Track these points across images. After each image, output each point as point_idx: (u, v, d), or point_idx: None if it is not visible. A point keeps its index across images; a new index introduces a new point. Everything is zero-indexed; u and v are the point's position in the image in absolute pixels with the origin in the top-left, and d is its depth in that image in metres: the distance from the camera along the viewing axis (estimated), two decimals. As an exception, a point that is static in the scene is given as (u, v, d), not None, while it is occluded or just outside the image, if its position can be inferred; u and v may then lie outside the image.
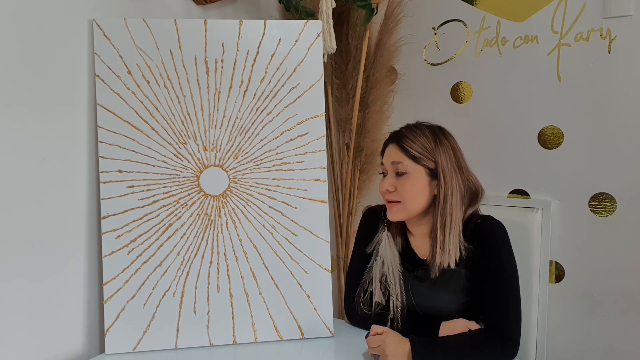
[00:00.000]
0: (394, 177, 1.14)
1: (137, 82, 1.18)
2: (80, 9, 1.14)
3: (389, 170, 1.15)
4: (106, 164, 1.16)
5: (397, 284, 1.16)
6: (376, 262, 1.18)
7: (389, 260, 1.17)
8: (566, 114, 1.57)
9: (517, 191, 1.67)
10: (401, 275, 1.16)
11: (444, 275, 1.12)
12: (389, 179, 1.15)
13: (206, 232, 1.21)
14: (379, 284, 1.17)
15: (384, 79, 1.80)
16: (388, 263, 1.17)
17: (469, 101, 1.73)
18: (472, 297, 1.13)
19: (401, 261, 1.17)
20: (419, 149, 1.12)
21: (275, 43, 1.24)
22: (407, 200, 1.13)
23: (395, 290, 1.16)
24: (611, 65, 1.49)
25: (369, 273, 1.20)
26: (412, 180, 1.12)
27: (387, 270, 1.17)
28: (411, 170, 1.12)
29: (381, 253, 1.18)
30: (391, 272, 1.16)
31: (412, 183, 1.12)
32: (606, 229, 1.52)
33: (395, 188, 1.13)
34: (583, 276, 1.56)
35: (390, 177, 1.15)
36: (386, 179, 1.15)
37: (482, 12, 1.69)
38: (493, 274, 1.09)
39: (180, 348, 1.17)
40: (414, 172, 1.12)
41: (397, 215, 1.15)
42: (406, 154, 1.13)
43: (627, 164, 1.49)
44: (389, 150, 1.16)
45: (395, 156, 1.14)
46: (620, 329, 1.51)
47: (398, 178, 1.13)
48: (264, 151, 1.24)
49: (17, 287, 1.03)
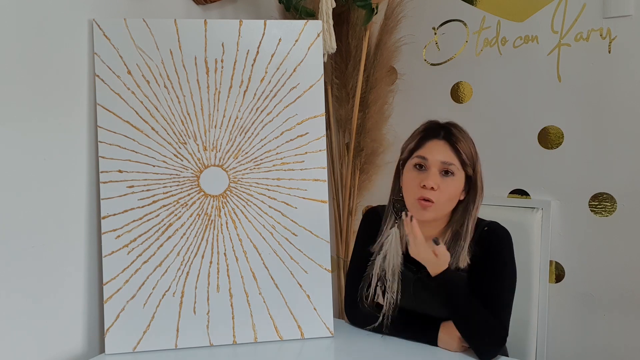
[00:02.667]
0: (438, 175, 1.08)
1: (137, 82, 1.18)
2: (80, 9, 1.14)
3: (432, 167, 1.08)
4: (106, 164, 1.16)
5: (394, 282, 1.15)
6: (379, 256, 1.17)
7: (391, 256, 1.15)
8: (566, 114, 1.57)
9: (517, 191, 1.67)
10: (401, 274, 1.15)
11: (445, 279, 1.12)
12: (435, 176, 1.07)
13: (206, 232, 1.21)
14: (376, 279, 1.17)
15: (384, 79, 1.80)
16: (390, 259, 1.15)
17: (469, 101, 1.73)
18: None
19: (404, 261, 1.16)
20: (468, 154, 1.09)
21: (275, 43, 1.24)
22: (443, 202, 1.09)
23: (392, 288, 1.14)
24: (611, 65, 1.49)
25: (372, 266, 1.19)
26: (456, 184, 1.08)
27: (387, 266, 1.15)
28: (457, 174, 1.08)
29: (385, 248, 1.16)
30: (390, 269, 1.15)
31: (456, 187, 1.09)
32: (606, 229, 1.52)
33: (439, 186, 1.07)
34: (583, 276, 1.56)
35: (435, 174, 1.07)
36: (430, 175, 1.07)
37: (482, 12, 1.69)
38: (491, 278, 1.10)
39: (180, 348, 1.17)
40: (458, 177, 1.09)
41: (428, 215, 1.09)
42: (458, 157, 1.08)
43: (627, 164, 1.49)
44: (438, 146, 1.09)
45: (447, 156, 1.08)
46: (620, 328, 1.51)
47: (444, 178, 1.08)
48: (264, 151, 1.24)
49: (17, 287, 1.03)
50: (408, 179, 1.12)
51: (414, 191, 1.09)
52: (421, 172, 1.09)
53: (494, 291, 1.10)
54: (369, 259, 1.20)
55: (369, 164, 1.84)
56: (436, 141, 1.10)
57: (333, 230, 1.85)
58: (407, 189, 1.12)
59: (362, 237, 1.27)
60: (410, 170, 1.12)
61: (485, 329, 1.07)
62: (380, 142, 1.83)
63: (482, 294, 1.09)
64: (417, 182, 1.09)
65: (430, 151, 1.09)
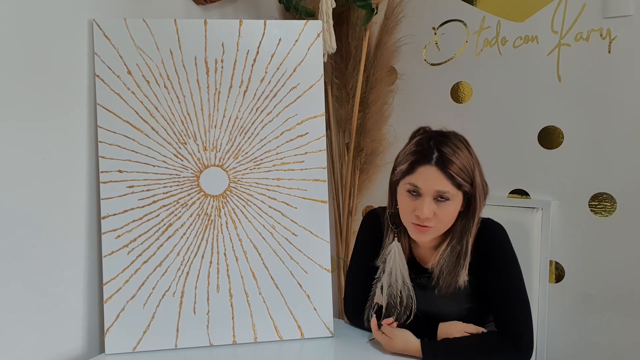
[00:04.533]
0: (432, 202, 1.03)
1: (137, 82, 1.18)
2: (80, 9, 1.14)
3: (426, 195, 1.03)
4: (106, 164, 1.16)
5: (409, 290, 1.13)
6: (384, 274, 1.15)
7: (397, 270, 1.13)
8: (566, 114, 1.57)
9: (517, 191, 1.67)
10: (411, 284, 1.13)
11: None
12: (430, 205, 1.02)
13: (206, 232, 1.21)
14: (382, 293, 1.15)
15: (384, 79, 1.80)
16: (395, 273, 1.13)
17: (469, 101, 1.73)
18: (475, 303, 1.13)
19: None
20: (464, 175, 1.02)
21: (275, 43, 1.24)
22: (442, 225, 1.06)
23: (404, 301, 1.13)
24: (611, 65, 1.49)
25: (376, 284, 1.17)
26: (453, 207, 1.05)
27: (394, 281, 1.13)
28: (454, 197, 1.03)
29: (390, 265, 1.13)
30: (400, 281, 1.13)
31: (454, 209, 1.05)
32: (606, 229, 1.52)
33: (434, 213, 1.03)
34: (583, 276, 1.56)
35: (429, 202, 1.02)
36: (425, 204, 1.02)
37: (482, 12, 1.69)
38: (499, 278, 1.09)
39: (180, 348, 1.17)
40: (456, 198, 1.04)
41: (427, 238, 1.07)
42: (453, 182, 1.02)
43: (627, 164, 1.49)
44: (431, 174, 1.02)
45: (440, 184, 1.01)
46: (620, 328, 1.51)
47: (439, 203, 1.03)
48: (264, 151, 1.24)
49: (17, 287, 1.03)
50: (402, 203, 1.08)
51: (409, 215, 1.06)
52: (415, 198, 1.05)
53: (505, 291, 1.08)
54: (372, 269, 1.18)
55: (369, 164, 1.84)
56: (428, 167, 1.02)
57: (333, 230, 1.85)
58: (402, 211, 1.09)
59: (363, 240, 1.26)
60: (403, 195, 1.07)
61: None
62: (380, 142, 1.83)
63: (494, 296, 1.08)
64: (411, 208, 1.05)
65: (423, 179, 1.03)
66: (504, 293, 1.08)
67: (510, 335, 1.05)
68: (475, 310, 1.14)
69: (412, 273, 1.15)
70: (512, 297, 1.08)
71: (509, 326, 1.06)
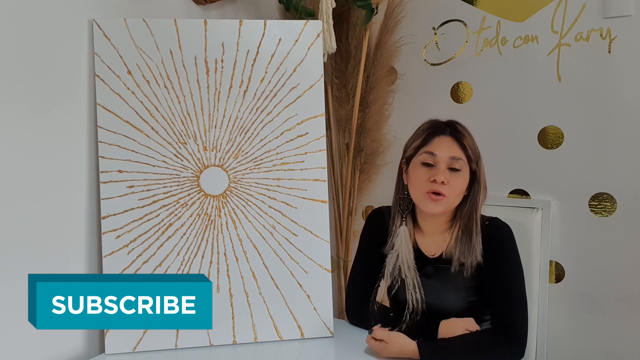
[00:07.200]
0: (446, 170, 1.10)
1: (137, 82, 1.18)
2: (80, 9, 1.14)
3: (441, 162, 1.10)
4: (106, 164, 1.16)
5: (414, 277, 1.14)
6: (391, 255, 1.17)
7: (403, 253, 1.15)
8: (566, 114, 1.57)
9: (517, 191, 1.67)
10: (416, 269, 1.15)
11: (451, 274, 1.12)
12: (443, 172, 1.09)
13: (206, 232, 1.21)
14: (390, 278, 1.16)
15: (384, 79, 1.80)
16: (402, 256, 1.15)
17: (469, 101, 1.73)
18: (477, 297, 1.14)
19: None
20: (473, 149, 1.12)
21: (275, 43, 1.24)
22: (453, 197, 1.11)
23: (414, 285, 1.14)
24: (611, 65, 1.49)
25: (386, 266, 1.18)
26: (463, 179, 1.11)
27: (401, 262, 1.15)
28: (463, 170, 1.11)
29: (397, 246, 1.16)
30: (405, 265, 1.15)
31: (463, 182, 1.12)
32: (606, 229, 1.52)
33: (449, 181, 1.09)
34: (583, 276, 1.56)
35: (443, 169, 1.10)
36: (439, 171, 1.09)
37: (482, 12, 1.69)
38: (500, 274, 1.10)
39: (180, 348, 1.17)
40: (464, 172, 1.11)
41: (439, 208, 1.11)
42: (465, 152, 1.11)
43: (627, 164, 1.49)
44: (446, 142, 1.12)
45: (455, 152, 1.11)
46: (620, 329, 1.51)
47: (451, 173, 1.10)
48: (264, 151, 1.24)
49: (17, 287, 1.02)
50: (416, 175, 1.13)
51: (423, 185, 1.11)
52: (430, 168, 1.11)
53: (504, 287, 1.10)
54: (379, 261, 1.19)
55: (369, 164, 1.84)
56: (443, 137, 1.13)
57: (333, 230, 1.85)
58: (415, 184, 1.13)
59: (368, 238, 1.26)
60: (417, 167, 1.13)
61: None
62: (380, 142, 1.83)
63: (493, 292, 1.10)
64: (426, 177, 1.10)
65: (439, 147, 1.11)
66: (503, 289, 1.10)
67: (505, 330, 1.06)
68: (478, 304, 1.14)
69: (417, 263, 1.16)
70: (511, 294, 1.10)
71: (504, 321, 1.07)
